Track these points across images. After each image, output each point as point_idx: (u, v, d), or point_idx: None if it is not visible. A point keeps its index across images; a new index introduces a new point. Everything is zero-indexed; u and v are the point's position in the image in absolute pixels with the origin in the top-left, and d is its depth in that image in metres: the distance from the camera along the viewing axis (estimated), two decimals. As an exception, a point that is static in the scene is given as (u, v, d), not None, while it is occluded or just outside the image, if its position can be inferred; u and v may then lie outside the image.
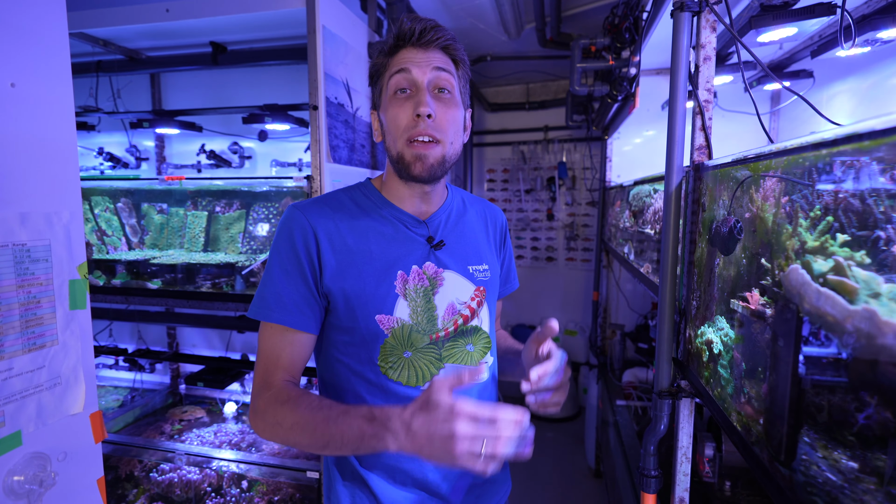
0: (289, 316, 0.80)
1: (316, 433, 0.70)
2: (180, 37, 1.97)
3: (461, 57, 0.85)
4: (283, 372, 0.81)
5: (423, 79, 0.80)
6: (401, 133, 0.81)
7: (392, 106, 0.82)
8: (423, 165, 0.81)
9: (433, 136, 0.80)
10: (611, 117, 2.56)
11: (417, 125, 0.79)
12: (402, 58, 0.81)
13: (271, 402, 0.76)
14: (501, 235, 1.05)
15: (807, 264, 0.54)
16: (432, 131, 0.80)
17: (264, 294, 0.82)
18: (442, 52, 0.83)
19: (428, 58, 0.81)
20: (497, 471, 0.64)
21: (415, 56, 0.81)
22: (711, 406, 0.85)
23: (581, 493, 2.74)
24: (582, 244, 3.84)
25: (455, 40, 0.84)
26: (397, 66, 0.81)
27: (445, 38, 0.82)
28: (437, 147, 0.81)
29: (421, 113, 0.78)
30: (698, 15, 0.97)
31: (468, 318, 0.89)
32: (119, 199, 2.10)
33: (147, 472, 2.00)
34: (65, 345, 0.73)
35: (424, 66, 0.80)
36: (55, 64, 0.72)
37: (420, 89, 0.80)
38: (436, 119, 0.80)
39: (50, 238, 0.71)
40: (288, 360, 0.81)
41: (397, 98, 0.81)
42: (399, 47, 0.82)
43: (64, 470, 0.73)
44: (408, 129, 0.80)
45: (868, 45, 1.25)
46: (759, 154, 0.68)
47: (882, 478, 0.45)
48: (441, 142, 0.81)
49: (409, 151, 0.81)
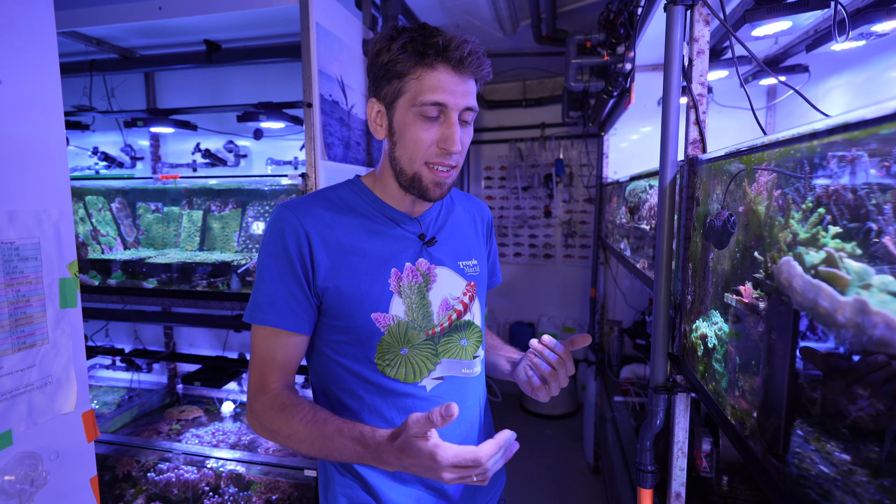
0: (282, 318, 0.80)
1: (314, 447, 0.74)
2: (174, 35, 1.97)
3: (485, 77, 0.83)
4: (278, 373, 0.82)
5: (455, 112, 0.78)
6: (421, 155, 0.80)
7: (416, 126, 0.78)
8: (441, 191, 0.83)
9: (453, 166, 0.82)
10: (607, 113, 2.56)
11: (442, 156, 0.80)
12: (439, 80, 0.76)
13: (267, 407, 0.78)
14: (487, 230, 1.06)
15: (799, 256, 0.54)
16: (453, 162, 0.81)
17: (258, 298, 0.82)
18: (472, 78, 0.80)
19: (464, 88, 0.78)
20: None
21: (452, 84, 0.77)
22: (706, 400, 0.85)
23: (580, 490, 2.75)
24: (579, 241, 3.84)
25: (489, 67, 0.82)
26: (432, 90, 0.76)
27: (482, 67, 0.80)
28: (454, 172, 0.83)
29: (453, 150, 0.78)
30: (692, 8, 0.97)
31: (461, 313, 0.90)
32: (114, 198, 2.10)
33: (145, 471, 2.00)
34: (56, 344, 0.72)
35: (460, 99, 0.78)
36: (43, 61, 0.72)
37: (451, 122, 0.78)
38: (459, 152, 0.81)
39: (39, 236, 0.70)
40: (283, 362, 0.82)
41: (425, 120, 0.78)
42: (437, 63, 0.76)
43: (56, 469, 0.73)
44: (430, 155, 0.80)
45: (863, 38, 1.24)
46: (751, 147, 0.68)
47: (874, 469, 0.45)
48: (457, 167, 0.83)
49: (430, 177, 0.81)
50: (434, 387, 0.87)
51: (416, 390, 0.86)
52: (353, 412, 0.86)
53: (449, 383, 0.89)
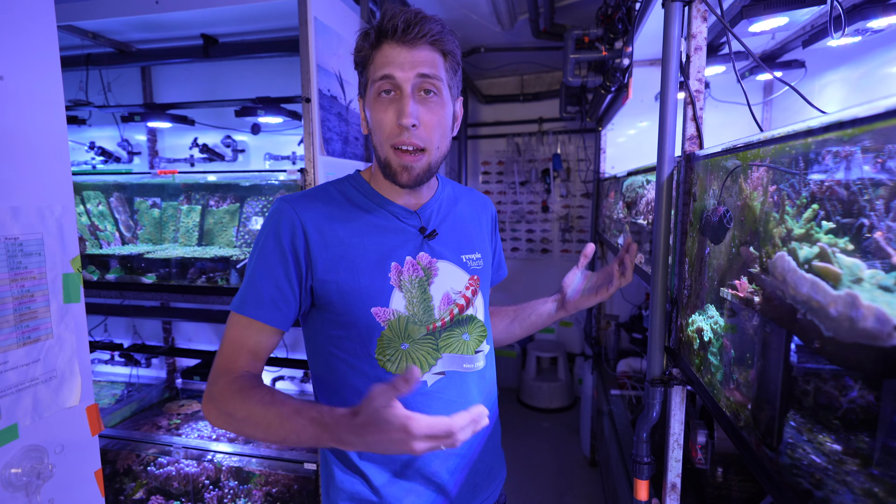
0: (263, 311, 0.79)
1: (270, 430, 0.70)
2: (171, 29, 1.96)
3: (450, 48, 0.81)
4: (245, 359, 0.80)
5: (407, 83, 0.76)
6: (385, 138, 0.80)
7: (376, 108, 0.79)
8: (410, 175, 0.81)
9: (417, 145, 0.79)
10: (604, 108, 2.56)
11: (401, 134, 0.78)
12: (386, 56, 0.77)
13: (225, 390, 0.75)
14: (492, 224, 1.06)
15: (793, 251, 0.55)
16: (416, 140, 0.79)
17: (247, 288, 0.81)
18: (429, 47, 0.78)
19: (413, 58, 0.76)
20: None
21: (398, 56, 0.76)
22: (702, 393, 0.86)
23: (576, 482, 2.78)
24: (577, 236, 3.85)
25: (442, 32, 0.79)
26: (380, 66, 0.77)
27: (431, 33, 0.77)
28: (423, 156, 0.81)
29: (405, 124, 0.77)
30: (689, 5, 0.97)
31: (463, 308, 0.90)
32: (112, 193, 2.09)
33: (145, 465, 2.01)
34: (59, 338, 0.73)
35: (408, 70, 0.76)
36: (44, 56, 0.72)
37: (404, 94, 0.77)
38: (420, 126, 0.78)
39: (42, 232, 0.71)
40: (253, 349, 0.81)
41: (381, 100, 0.78)
42: (382, 41, 0.77)
43: (61, 462, 0.74)
44: (392, 136, 0.79)
45: (859, 34, 1.25)
46: (747, 143, 0.69)
47: (865, 459, 0.46)
48: (426, 150, 0.80)
49: (396, 160, 0.80)
50: (435, 382, 0.87)
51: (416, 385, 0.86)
52: None
53: (450, 378, 0.88)
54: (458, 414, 0.64)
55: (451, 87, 0.84)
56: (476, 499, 0.94)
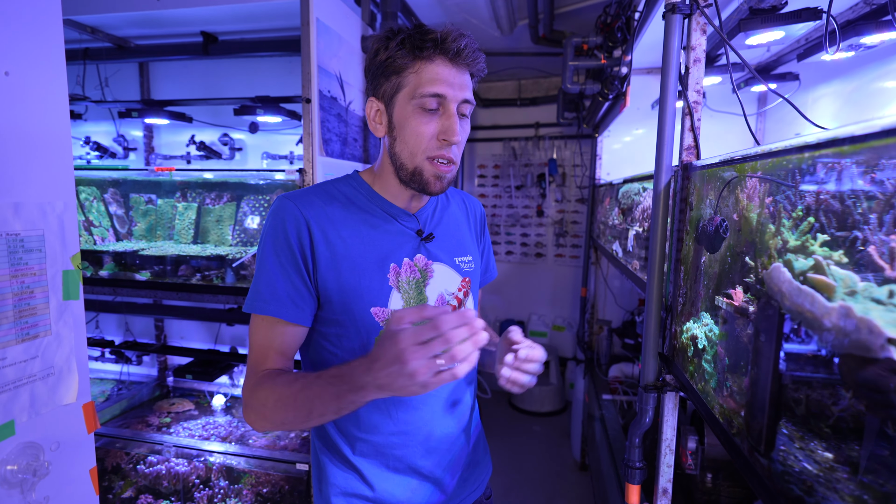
0: (283, 308, 0.80)
1: (297, 404, 0.70)
2: (170, 26, 1.95)
3: (480, 72, 0.85)
4: (274, 359, 0.80)
5: (454, 103, 0.80)
6: (423, 149, 0.81)
7: (416, 119, 0.80)
8: (441, 185, 0.84)
9: (453, 160, 0.83)
10: (601, 115, 2.59)
11: (442, 148, 0.81)
12: (438, 73, 0.78)
13: (253, 388, 0.76)
14: (480, 226, 1.08)
15: (788, 263, 0.56)
16: (453, 155, 0.83)
17: (259, 287, 0.81)
18: (468, 71, 0.83)
19: (461, 80, 0.80)
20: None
21: (451, 76, 0.79)
22: (695, 399, 0.88)
23: (567, 486, 2.79)
24: (571, 241, 3.87)
25: (485, 62, 0.84)
26: (431, 82, 0.78)
27: (478, 61, 0.82)
28: (454, 167, 0.85)
29: (454, 141, 0.80)
30: (689, 17, 0.99)
31: (456, 308, 0.91)
32: (107, 189, 2.08)
33: (134, 464, 1.99)
34: (58, 335, 0.73)
35: (458, 91, 0.80)
36: (49, 52, 0.72)
37: (450, 113, 0.80)
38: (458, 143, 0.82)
39: (44, 228, 0.71)
40: (280, 349, 0.81)
41: (425, 113, 0.80)
42: (435, 56, 0.79)
43: (57, 459, 0.74)
44: (430, 148, 0.81)
45: (852, 49, 1.28)
46: (744, 156, 0.70)
47: (855, 467, 0.47)
48: (457, 163, 0.85)
49: (431, 170, 0.82)
50: None
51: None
52: None
53: None
54: (446, 313, 0.59)
55: None
56: (464, 489, 0.98)
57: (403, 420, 0.88)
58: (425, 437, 0.90)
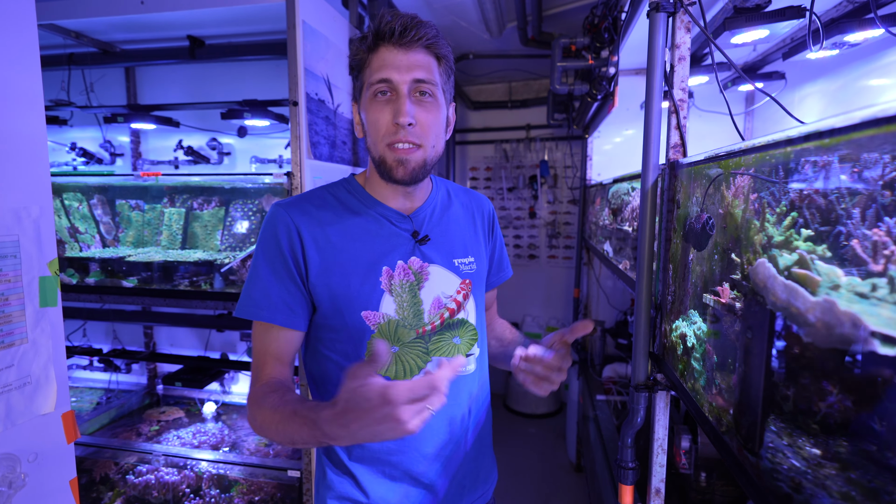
0: (277, 314, 0.81)
1: (280, 433, 0.70)
2: (156, 30, 1.94)
3: (444, 53, 0.83)
4: (271, 365, 0.82)
5: (403, 84, 0.78)
6: (381, 137, 0.80)
7: (372, 109, 0.80)
8: (405, 170, 0.81)
9: (413, 142, 0.80)
10: (591, 116, 2.59)
11: (397, 132, 0.79)
12: (383, 59, 0.78)
13: (251, 403, 0.78)
14: (489, 225, 1.04)
15: (773, 258, 0.56)
16: (412, 138, 0.80)
17: (251, 292, 0.82)
18: (425, 51, 0.80)
19: (409, 60, 0.78)
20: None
21: (395, 58, 0.78)
22: (685, 398, 0.87)
23: (562, 488, 2.78)
24: (563, 242, 3.88)
25: (437, 37, 0.81)
26: (378, 69, 0.78)
27: (427, 37, 0.79)
28: (419, 151, 0.81)
29: (401, 122, 0.78)
30: (673, 16, 0.99)
31: (454, 312, 0.90)
32: (93, 195, 2.05)
33: (123, 474, 1.96)
34: (35, 343, 0.71)
35: (405, 72, 0.78)
36: (22, 54, 0.70)
37: (400, 95, 0.78)
38: (416, 125, 0.80)
39: (19, 234, 0.69)
40: (276, 354, 0.82)
41: (377, 101, 0.80)
42: (378, 44, 0.79)
43: (35, 471, 0.72)
44: (388, 134, 0.80)
45: (836, 48, 1.29)
46: (729, 152, 0.70)
47: (843, 463, 0.47)
48: (422, 146, 0.81)
49: (391, 156, 0.81)
50: None
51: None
52: None
53: None
54: (442, 369, 0.59)
55: (444, 91, 0.85)
56: (463, 500, 0.94)
57: None
58: (423, 443, 0.88)
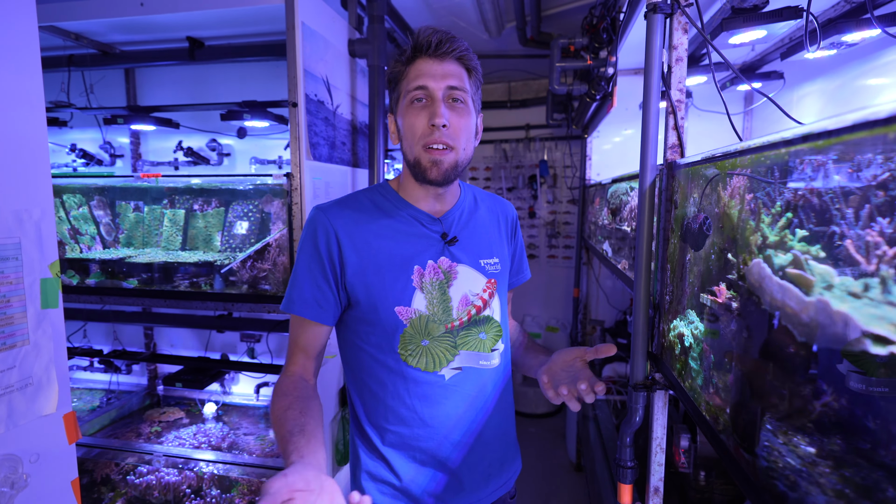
0: (307, 309, 0.90)
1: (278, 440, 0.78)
2: (156, 31, 1.94)
3: (474, 65, 0.91)
4: (298, 356, 0.92)
5: (438, 91, 0.86)
6: (417, 140, 0.87)
7: (409, 114, 0.88)
8: (439, 170, 0.88)
9: (447, 144, 0.87)
10: (590, 116, 2.60)
11: (433, 133, 0.86)
12: (419, 70, 0.86)
13: (275, 390, 0.86)
14: (512, 228, 1.12)
15: (768, 258, 0.56)
16: (446, 139, 0.86)
17: (291, 289, 0.92)
18: (457, 62, 0.88)
19: (443, 69, 0.86)
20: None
21: (431, 68, 0.86)
22: (683, 397, 0.88)
23: (562, 487, 2.78)
24: (563, 242, 3.88)
25: (468, 50, 0.90)
26: (415, 78, 0.86)
27: (460, 49, 0.88)
28: (451, 153, 0.88)
29: (436, 123, 0.85)
30: (671, 17, 0.99)
31: (480, 309, 0.96)
32: (93, 196, 2.06)
33: (124, 474, 1.97)
34: (36, 344, 0.72)
35: (440, 80, 0.86)
36: (24, 57, 0.71)
37: (435, 100, 0.86)
38: (450, 128, 0.86)
39: (20, 236, 0.70)
40: (303, 346, 0.92)
41: (414, 107, 0.87)
42: (416, 57, 0.87)
43: (36, 472, 0.72)
44: (423, 136, 0.87)
45: (834, 47, 1.29)
46: (725, 152, 0.70)
47: (837, 461, 0.47)
48: (454, 148, 0.88)
49: (426, 157, 0.87)
50: (452, 376, 0.94)
51: (435, 379, 0.93)
52: (379, 397, 0.94)
53: (466, 374, 0.95)
54: None
55: (474, 101, 0.93)
56: (488, 486, 1.01)
57: (428, 415, 0.93)
58: (451, 431, 0.94)
